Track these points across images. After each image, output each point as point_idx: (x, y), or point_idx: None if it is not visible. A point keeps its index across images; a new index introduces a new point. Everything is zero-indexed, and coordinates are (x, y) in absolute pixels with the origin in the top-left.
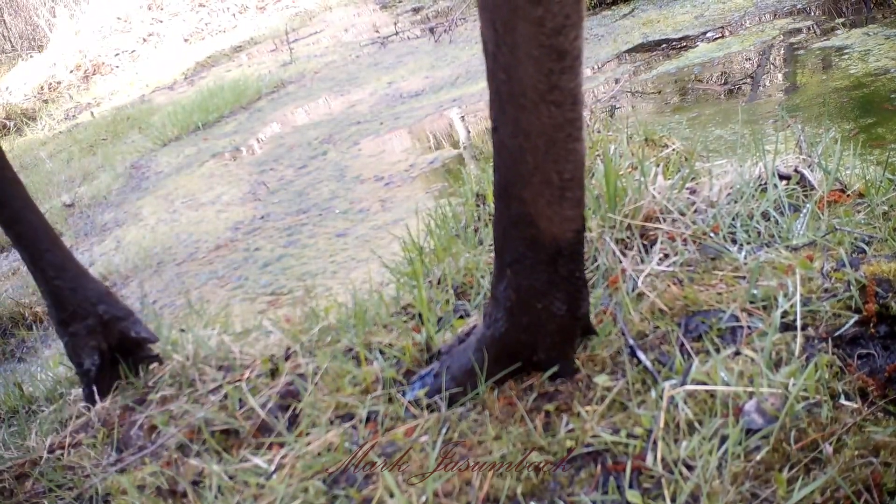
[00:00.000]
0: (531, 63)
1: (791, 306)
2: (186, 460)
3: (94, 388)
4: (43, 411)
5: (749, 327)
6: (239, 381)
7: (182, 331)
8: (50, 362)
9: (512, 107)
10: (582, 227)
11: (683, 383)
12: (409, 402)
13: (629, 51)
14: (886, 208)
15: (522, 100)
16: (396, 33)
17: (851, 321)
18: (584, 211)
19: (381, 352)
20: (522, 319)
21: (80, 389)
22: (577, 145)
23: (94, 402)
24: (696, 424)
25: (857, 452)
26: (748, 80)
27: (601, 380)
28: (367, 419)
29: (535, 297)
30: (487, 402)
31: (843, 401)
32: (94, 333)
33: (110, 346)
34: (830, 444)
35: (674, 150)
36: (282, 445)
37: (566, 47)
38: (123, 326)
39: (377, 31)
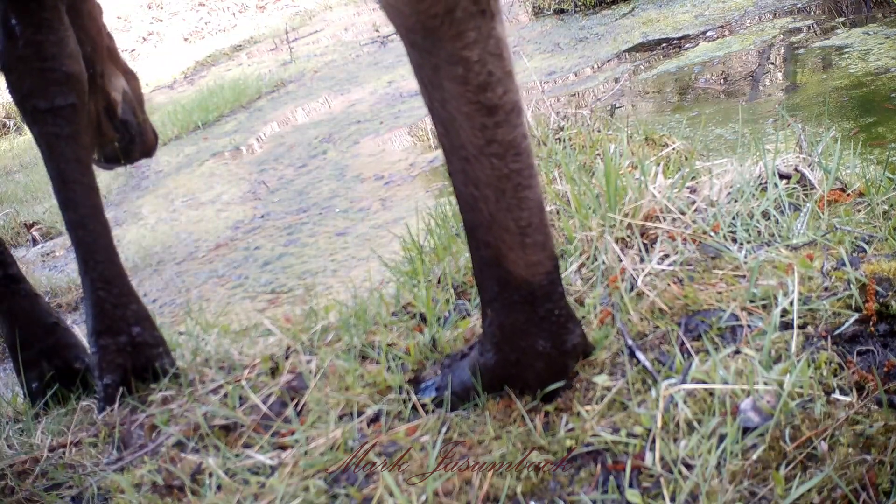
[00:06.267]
0: (464, 118)
1: (791, 304)
2: (184, 456)
3: (108, 405)
4: (51, 412)
5: (749, 326)
6: (239, 380)
7: (181, 334)
8: None
9: (456, 158)
10: (553, 269)
11: (683, 382)
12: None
13: (629, 50)
14: (886, 207)
15: (464, 152)
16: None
17: (851, 320)
18: (554, 253)
19: (385, 351)
20: (510, 356)
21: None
22: (528, 193)
23: (102, 411)
24: (696, 423)
25: (850, 450)
26: (748, 79)
27: (601, 379)
28: (373, 419)
29: (517, 335)
30: (487, 402)
31: (836, 395)
32: (122, 352)
33: (134, 367)
34: (825, 440)
35: (674, 149)
36: (284, 435)
37: (495, 102)
38: (151, 354)
39: (377, 31)
